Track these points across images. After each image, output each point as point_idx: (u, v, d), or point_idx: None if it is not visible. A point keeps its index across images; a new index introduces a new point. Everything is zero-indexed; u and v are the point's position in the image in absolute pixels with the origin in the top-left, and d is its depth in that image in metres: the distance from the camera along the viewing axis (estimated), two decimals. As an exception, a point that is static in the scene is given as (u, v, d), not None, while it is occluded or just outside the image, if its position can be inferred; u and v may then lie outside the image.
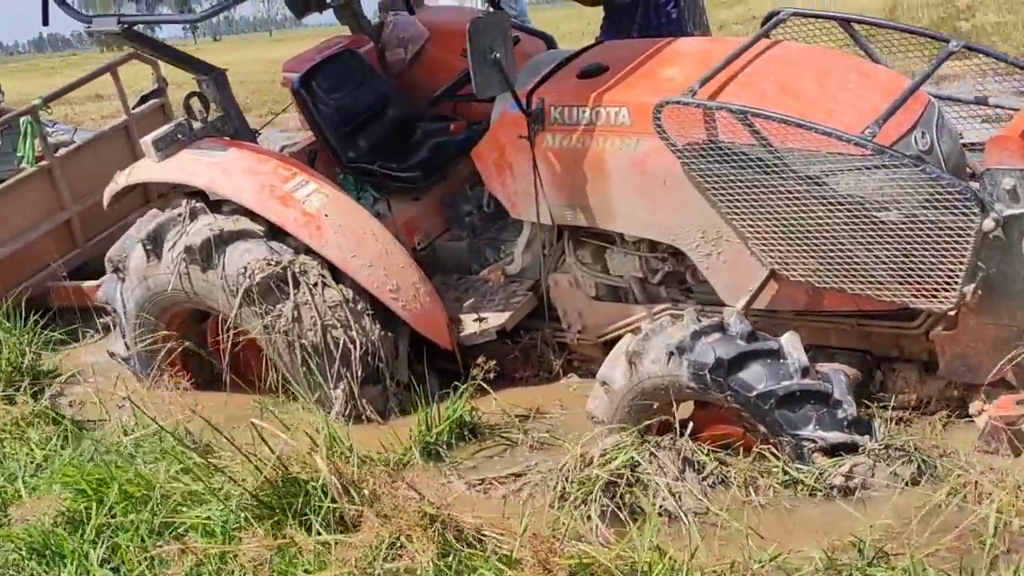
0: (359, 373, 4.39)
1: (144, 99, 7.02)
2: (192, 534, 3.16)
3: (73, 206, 6.60)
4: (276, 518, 3.06)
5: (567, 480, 3.43)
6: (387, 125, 5.20)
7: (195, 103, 4.84)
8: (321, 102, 4.99)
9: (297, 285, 4.40)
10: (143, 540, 3.06)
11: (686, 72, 4.08)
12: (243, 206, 4.54)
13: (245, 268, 4.40)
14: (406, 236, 4.83)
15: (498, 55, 3.96)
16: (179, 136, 4.77)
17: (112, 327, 6.41)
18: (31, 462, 3.97)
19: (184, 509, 3.21)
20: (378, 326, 4.44)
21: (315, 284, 4.41)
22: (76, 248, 6.72)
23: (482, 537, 2.90)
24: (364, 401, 4.39)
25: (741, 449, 3.66)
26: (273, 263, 4.39)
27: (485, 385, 4.19)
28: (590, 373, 4.68)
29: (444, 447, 4.00)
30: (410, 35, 5.46)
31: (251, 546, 2.79)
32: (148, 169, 4.76)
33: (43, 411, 4.49)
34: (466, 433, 4.15)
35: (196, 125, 4.83)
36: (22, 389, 4.97)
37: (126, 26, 4.48)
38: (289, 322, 4.38)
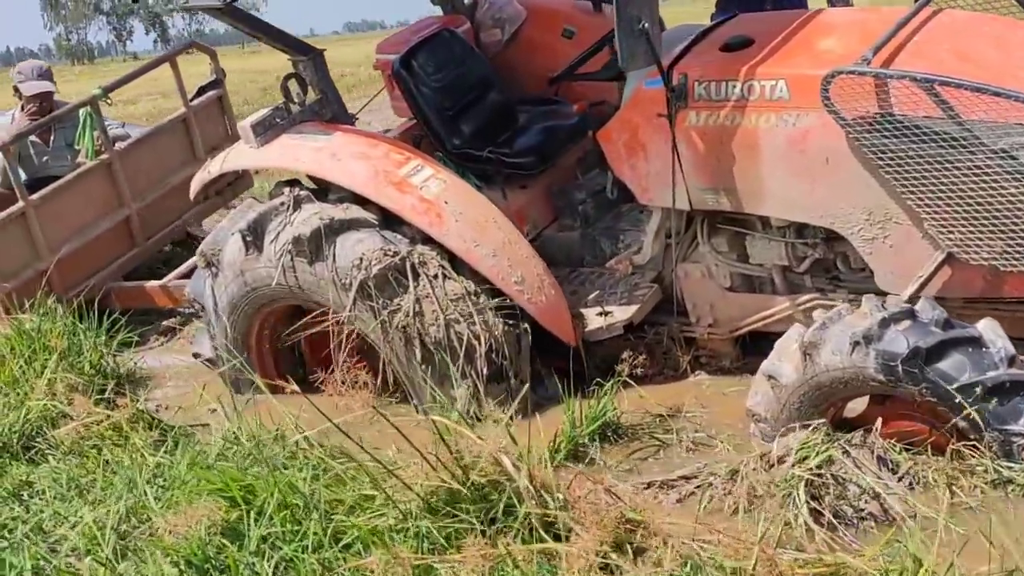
0: (484, 371, 4.08)
1: (201, 91, 6.69)
2: (358, 545, 2.84)
3: (133, 203, 6.27)
4: (461, 526, 2.75)
5: (756, 481, 3.13)
6: (489, 109, 4.91)
7: (292, 86, 4.53)
8: (423, 84, 4.69)
9: (416, 277, 4.09)
10: (314, 552, 2.74)
11: (845, 43, 3.80)
12: (354, 193, 4.23)
13: (360, 260, 4.09)
14: (516, 225, 4.53)
15: (646, 25, 3.66)
16: (277, 120, 4.47)
17: (170, 330, 6.21)
18: (144, 469, 3.63)
19: (347, 518, 2.89)
20: (501, 320, 4.14)
21: (435, 276, 4.11)
22: (135, 248, 6.38)
23: (702, 546, 2.59)
24: (490, 400, 4.07)
25: (928, 447, 3.36)
26: (390, 254, 4.09)
27: (631, 382, 3.88)
28: (719, 370, 4.42)
29: (594, 448, 3.68)
30: (507, 15, 5.18)
31: (471, 554, 2.47)
32: (246, 155, 4.45)
33: (141, 415, 4.15)
34: (609, 434, 3.84)
35: (294, 109, 4.52)
36: (107, 392, 4.63)
37: (228, 1, 4.18)
38: (409, 317, 4.07)
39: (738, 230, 4.16)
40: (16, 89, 6.26)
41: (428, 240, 4.19)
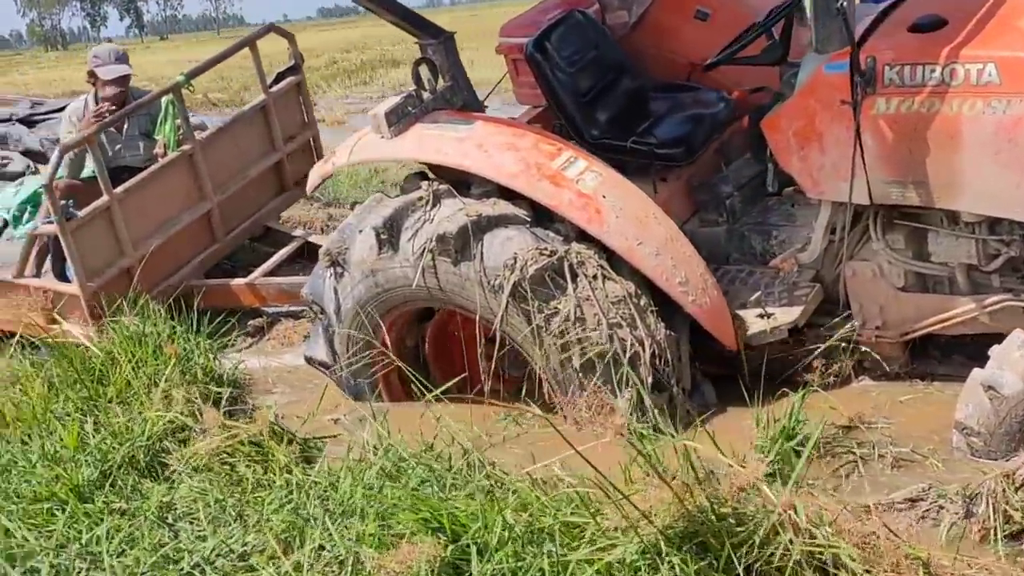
0: (648, 379, 3.77)
1: (280, 77, 6.36)
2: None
3: (214, 195, 5.94)
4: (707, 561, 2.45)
5: (1008, 505, 2.83)
6: (623, 96, 4.60)
7: (423, 71, 4.21)
8: (558, 69, 4.37)
9: (575, 278, 3.79)
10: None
11: (1055, 23, 3.49)
12: (499, 187, 3.93)
13: (514, 259, 3.78)
14: None
15: (844, 3, 3.34)
16: (409, 109, 4.15)
17: (258, 330, 5.90)
18: (301, 491, 3.32)
19: (578, 552, 2.59)
20: (662, 324, 3.84)
21: (594, 277, 3.80)
22: (215, 243, 6.06)
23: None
24: (655, 411, 3.77)
25: None
26: (546, 253, 3.78)
27: (823, 391, 3.58)
28: (884, 375, 4.11)
29: (790, 466, 3.37)
30: (634, -4, 4.86)
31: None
32: (380, 147, 4.13)
33: (274, 427, 3.83)
34: (800, 448, 3.52)
35: (425, 96, 4.20)
36: (223, 401, 4.32)
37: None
38: (568, 321, 3.76)
39: (919, 226, 3.85)
40: (92, 74, 5.91)
41: (582, 238, 3.89)
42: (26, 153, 7.30)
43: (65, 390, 4.33)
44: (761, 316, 4.02)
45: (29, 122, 7.48)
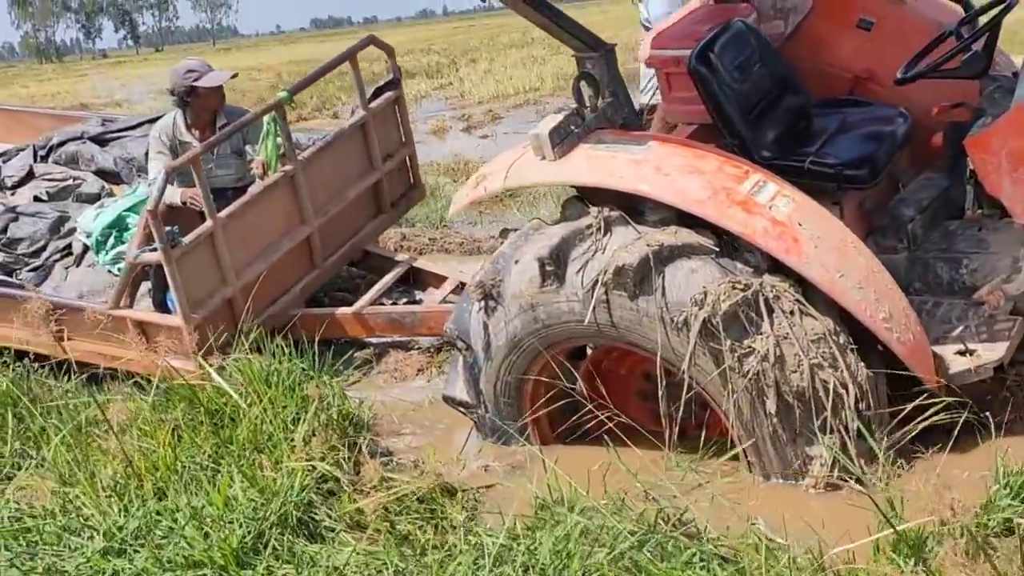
0: (853, 424, 3.41)
1: (378, 92, 6.01)
2: None
3: (314, 219, 5.59)
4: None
5: None
6: (787, 112, 4.25)
7: (584, 87, 3.86)
8: (724, 83, 4.01)
9: (770, 314, 3.43)
10: None
11: None
12: (679, 214, 3.58)
13: (703, 293, 3.42)
14: None
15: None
16: (572, 128, 3.80)
17: (366, 363, 5.53)
18: (486, 554, 2.96)
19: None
20: (863, 364, 3.47)
21: (791, 312, 3.44)
22: (315, 269, 5.71)
23: None
24: (861, 462, 3.41)
25: None
26: (740, 287, 3.42)
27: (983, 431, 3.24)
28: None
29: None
30: (792, 4, 4.51)
31: None
32: (543, 169, 3.79)
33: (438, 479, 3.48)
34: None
35: (587, 114, 3.86)
36: (361, 448, 3.97)
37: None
38: (764, 361, 3.40)
39: None
40: (187, 90, 5.56)
41: (773, 270, 3.53)
42: (99, 173, 6.96)
43: (189, 434, 3.97)
44: (961, 353, 3.66)
45: (101, 141, 7.14)
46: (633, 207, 3.73)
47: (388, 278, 5.75)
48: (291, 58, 42.11)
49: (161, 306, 5.30)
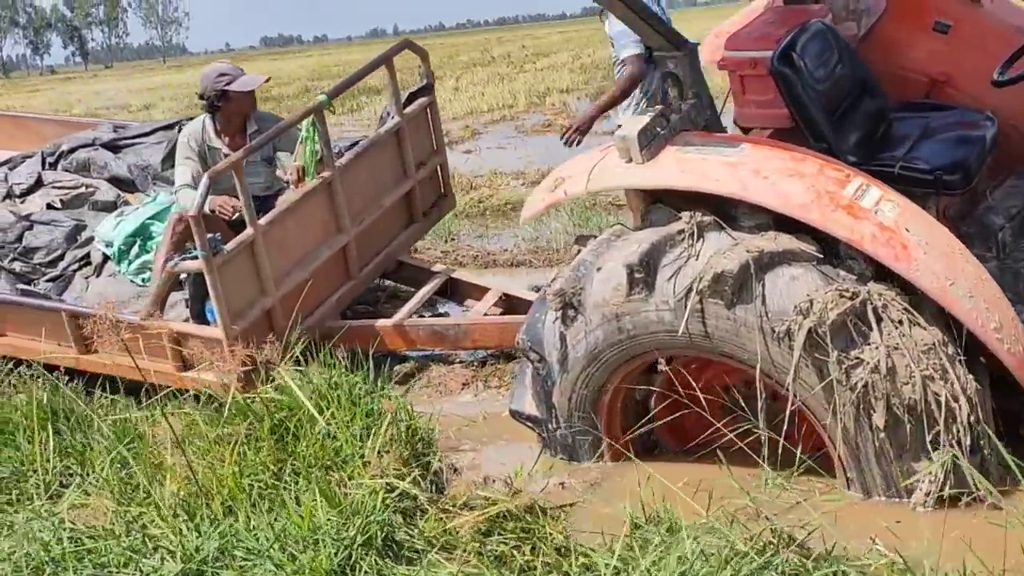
0: (966, 439, 3.27)
1: (412, 97, 5.83)
2: None
3: (351, 227, 5.40)
4: None
5: None
6: (867, 116, 4.13)
7: (670, 88, 3.72)
8: (808, 85, 3.88)
9: (879, 323, 3.28)
10: None
11: None
12: (777, 219, 3.43)
13: (809, 302, 3.27)
14: None
15: None
16: (658, 130, 3.64)
17: (408, 376, 5.34)
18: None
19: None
20: (972, 376, 3.33)
21: (899, 321, 3.30)
22: (350, 279, 5.51)
23: None
24: (973, 479, 3.26)
25: None
26: (847, 295, 3.27)
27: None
28: None
29: None
30: (865, 5, 4.39)
31: None
32: (630, 173, 3.63)
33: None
34: None
35: (672, 116, 3.71)
36: (432, 467, 3.77)
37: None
38: (873, 373, 3.25)
39: None
40: (218, 94, 5.35)
41: (877, 277, 3.39)
42: (112, 180, 6.71)
43: (251, 449, 3.76)
44: None
45: (114, 147, 6.89)
46: (724, 212, 3.57)
47: (427, 289, 5.57)
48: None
49: (199, 317, 5.07)
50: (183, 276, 5.04)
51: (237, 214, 5.12)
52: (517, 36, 64.37)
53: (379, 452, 3.59)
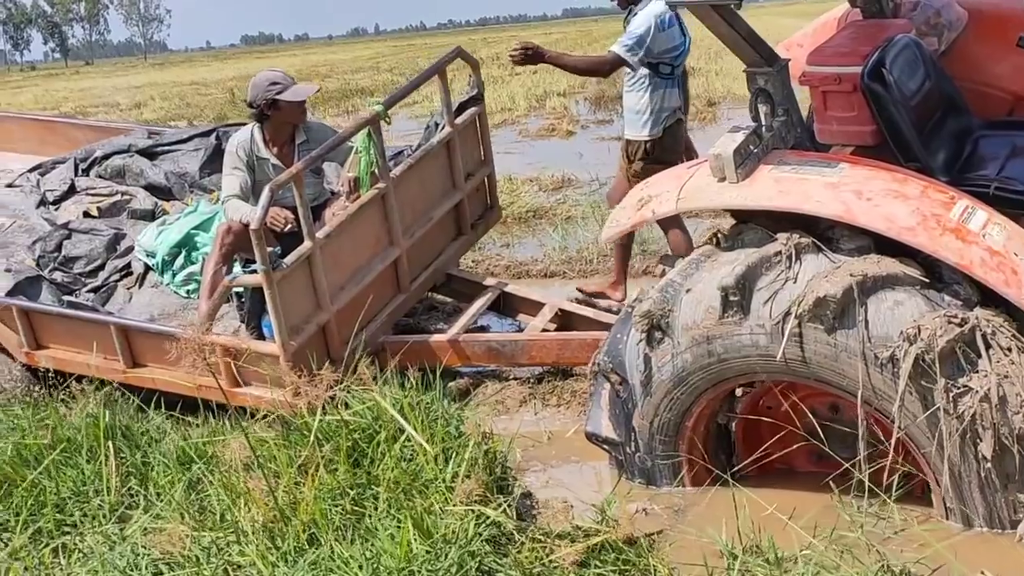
0: (1077, 471, 3.18)
1: (461, 107, 5.73)
2: None
3: (403, 240, 5.29)
4: None
5: None
6: (951, 134, 4.03)
7: (761, 104, 3.62)
8: (898, 102, 3.78)
9: (988, 350, 3.19)
10: None
11: None
12: (878, 242, 3.34)
13: (916, 328, 3.17)
14: None
15: None
16: (751, 148, 3.55)
17: (462, 393, 5.23)
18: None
19: None
20: None
21: (1008, 348, 3.20)
22: (401, 293, 5.40)
23: None
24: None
25: None
26: (956, 321, 3.17)
27: None
28: None
29: None
30: (946, 20, 4.30)
31: None
32: (724, 192, 3.53)
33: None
34: None
35: (764, 133, 3.62)
36: (513, 488, 3.66)
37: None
38: (983, 402, 3.15)
39: None
40: (269, 104, 5.24)
41: (983, 302, 3.30)
42: (148, 188, 6.59)
43: (329, 473, 3.65)
44: None
45: (150, 154, 6.77)
46: (818, 233, 3.48)
47: (480, 303, 5.46)
48: (234, 74, 41.72)
49: (256, 332, 4.95)
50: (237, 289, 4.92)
51: (289, 226, 5.01)
52: (502, 38, 64.58)
53: (461, 476, 3.47)
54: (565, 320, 5.35)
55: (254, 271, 4.59)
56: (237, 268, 5.28)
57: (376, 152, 5.09)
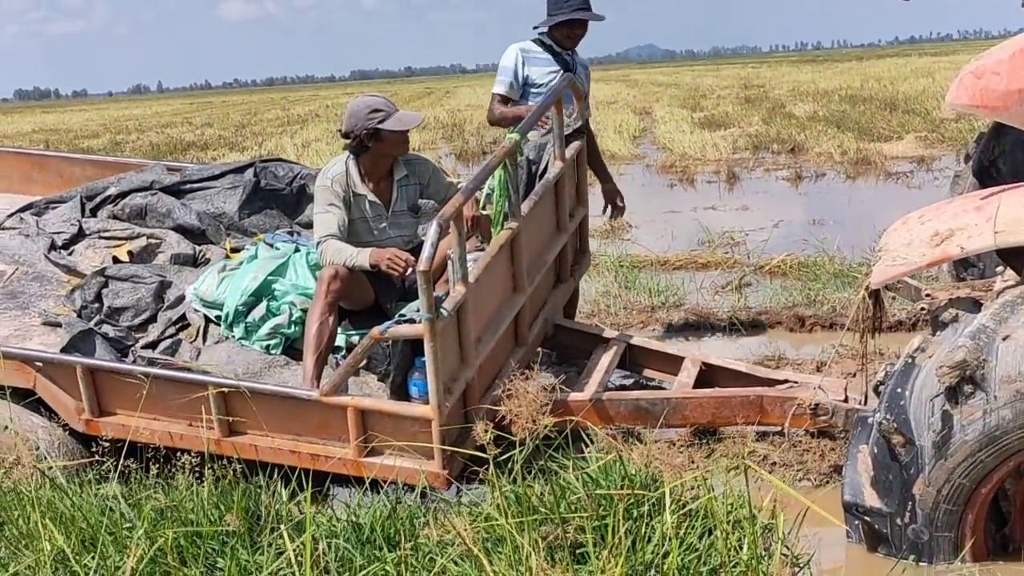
0: None
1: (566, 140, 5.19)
2: None
3: (527, 287, 4.71)
4: None
5: None
6: None
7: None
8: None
9: None
10: None
11: None
12: None
13: None
14: None
15: None
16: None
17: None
18: None
19: None
20: None
21: None
22: (521, 346, 4.80)
23: None
24: None
25: None
26: None
27: None
28: None
29: None
30: None
31: None
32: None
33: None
34: None
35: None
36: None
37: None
38: None
39: None
40: (372, 133, 4.60)
41: None
42: (177, 229, 5.76)
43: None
44: None
45: (175, 192, 5.94)
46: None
47: (607, 358, 4.88)
48: (35, 127, 39.82)
49: (400, 391, 4.26)
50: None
51: (410, 270, 4.36)
52: (303, 97, 65.32)
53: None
54: (709, 374, 4.84)
55: (409, 320, 3.93)
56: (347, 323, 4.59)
57: (512, 187, 4.50)
